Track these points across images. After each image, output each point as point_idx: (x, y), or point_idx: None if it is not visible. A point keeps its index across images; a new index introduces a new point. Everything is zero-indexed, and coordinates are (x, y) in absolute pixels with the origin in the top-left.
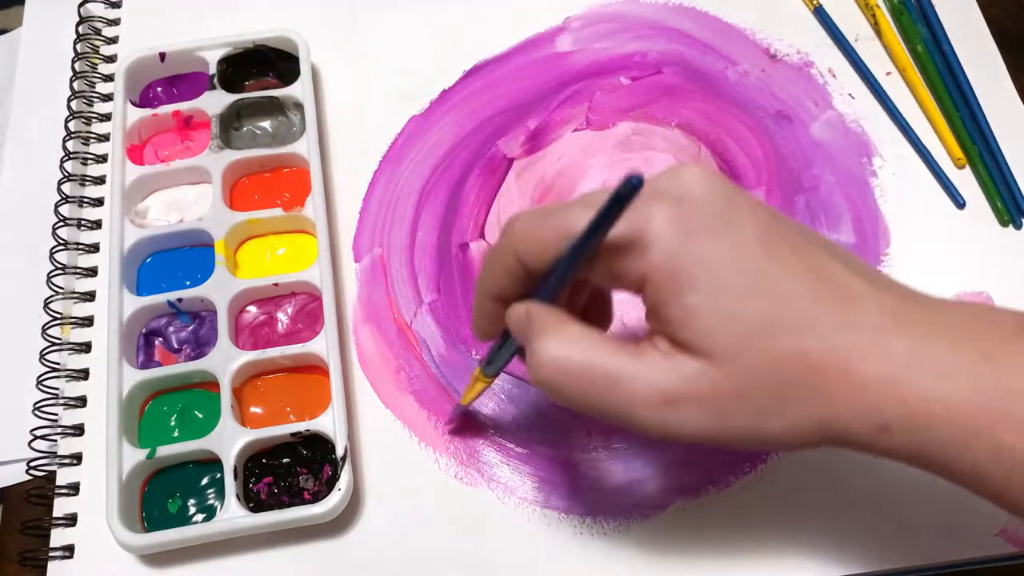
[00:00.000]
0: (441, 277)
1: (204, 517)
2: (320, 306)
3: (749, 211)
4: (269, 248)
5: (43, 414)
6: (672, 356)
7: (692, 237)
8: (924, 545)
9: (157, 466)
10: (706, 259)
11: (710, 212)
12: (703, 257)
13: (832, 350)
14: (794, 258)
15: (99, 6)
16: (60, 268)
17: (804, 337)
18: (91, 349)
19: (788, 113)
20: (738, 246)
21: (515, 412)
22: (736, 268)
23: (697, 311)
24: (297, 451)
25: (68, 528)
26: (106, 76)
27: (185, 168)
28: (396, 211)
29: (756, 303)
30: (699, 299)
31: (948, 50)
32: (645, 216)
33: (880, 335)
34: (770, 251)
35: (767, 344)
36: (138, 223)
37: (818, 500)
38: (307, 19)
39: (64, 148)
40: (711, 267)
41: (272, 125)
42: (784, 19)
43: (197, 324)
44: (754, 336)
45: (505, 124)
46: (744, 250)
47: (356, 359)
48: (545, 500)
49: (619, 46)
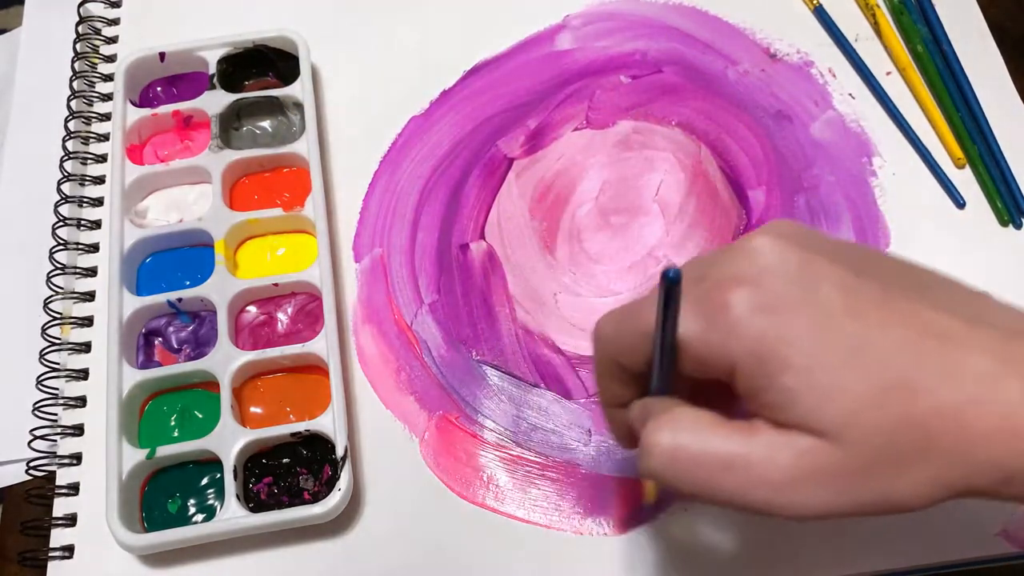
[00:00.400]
0: (441, 278)
1: (204, 517)
2: (320, 306)
3: (828, 275)
4: (269, 248)
5: (43, 414)
6: (786, 433)
7: (774, 316)
8: (924, 545)
9: (157, 466)
10: (794, 338)
11: (791, 286)
12: (790, 336)
13: (944, 406)
14: (884, 315)
15: (99, 6)
16: (60, 268)
17: (914, 400)
18: (91, 349)
19: (788, 113)
20: (824, 317)
21: (515, 413)
22: (827, 341)
23: (797, 393)
24: (297, 451)
25: (68, 528)
26: (106, 76)
27: (185, 168)
28: (396, 211)
29: (855, 373)
30: (796, 380)
31: (948, 50)
32: (723, 304)
33: (990, 381)
34: (858, 315)
35: (878, 412)
36: (138, 223)
37: None
38: (307, 19)
39: (64, 148)
40: (800, 345)
41: (272, 125)
42: (784, 19)
43: (197, 324)
44: (861, 408)
45: (505, 124)
46: (831, 320)
47: (356, 359)
48: (545, 501)
49: (619, 45)
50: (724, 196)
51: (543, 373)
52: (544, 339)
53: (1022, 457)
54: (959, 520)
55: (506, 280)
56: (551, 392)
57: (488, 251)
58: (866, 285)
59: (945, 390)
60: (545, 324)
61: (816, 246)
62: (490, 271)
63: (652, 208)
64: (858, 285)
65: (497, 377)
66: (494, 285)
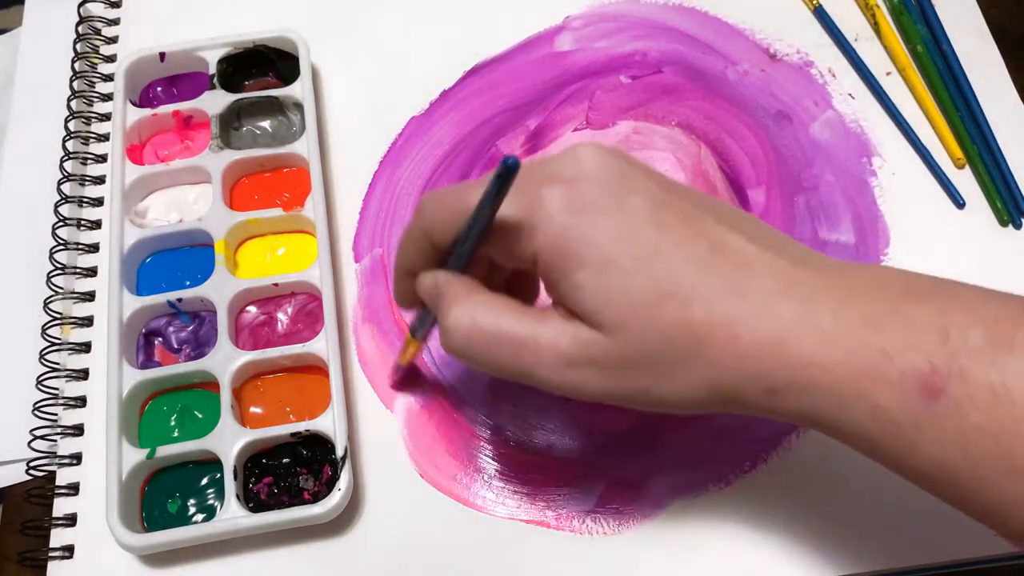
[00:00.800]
0: None
1: (204, 517)
2: (320, 306)
3: (642, 187)
4: (269, 248)
5: (43, 414)
6: (571, 321)
7: (581, 216)
8: (924, 545)
9: (157, 466)
10: (594, 238)
11: (601, 191)
12: (591, 236)
13: (718, 317)
14: (685, 230)
15: (99, 6)
16: (60, 268)
17: (690, 307)
18: (91, 349)
19: (788, 113)
20: (627, 223)
21: (514, 412)
22: (624, 245)
23: (584, 288)
24: (297, 451)
25: (68, 528)
26: (106, 76)
27: (185, 168)
28: (396, 211)
29: (643, 278)
30: (586, 277)
31: (948, 50)
32: (538, 197)
33: (768, 300)
34: (660, 226)
35: (654, 316)
36: (138, 223)
37: (818, 500)
38: (307, 19)
39: (64, 148)
40: (599, 245)
41: (272, 125)
42: (784, 19)
43: (197, 324)
44: (640, 309)
45: (505, 124)
46: (633, 227)
47: (356, 359)
48: (545, 500)
49: (619, 45)
50: (724, 196)
51: None
52: None
53: (788, 372)
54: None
55: None
56: None
57: None
58: (675, 203)
59: (723, 304)
60: None
61: (637, 165)
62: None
63: None
64: (667, 201)
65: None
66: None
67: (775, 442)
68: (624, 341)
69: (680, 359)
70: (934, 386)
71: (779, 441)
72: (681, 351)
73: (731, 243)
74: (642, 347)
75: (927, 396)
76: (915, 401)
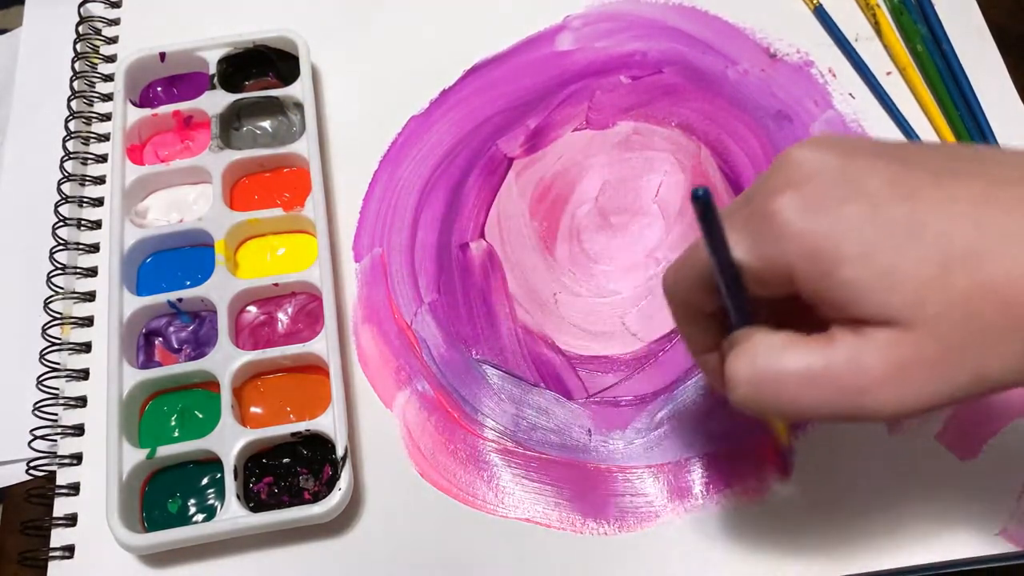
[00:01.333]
0: (441, 277)
1: (204, 517)
2: (320, 306)
3: (872, 169)
4: (269, 248)
5: (43, 414)
6: (862, 333)
7: (822, 214)
8: (924, 545)
9: (157, 466)
10: (845, 230)
11: (832, 183)
12: (841, 229)
13: (1016, 271)
14: (936, 194)
15: (99, 6)
16: (60, 268)
17: (981, 267)
18: (91, 349)
19: (788, 113)
20: (873, 206)
21: (515, 412)
22: (879, 227)
23: (858, 285)
24: (297, 451)
25: (68, 528)
26: (106, 76)
27: (185, 168)
28: (396, 211)
29: (914, 253)
30: (853, 271)
31: (948, 50)
32: (769, 213)
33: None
34: (908, 199)
35: (945, 288)
36: (138, 223)
37: (818, 500)
38: (307, 19)
39: (64, 148)
40: (852, 236)
41: (272, 125)
42: (784, 19)
43: (197, 324)
44: (928, 285)
45: (505, 124)
46: (880, 208)
47: (356, 359)
48: (545, 501)
49: (619, 45)
50: (724, 197)
51: (543, 373)
52: (544, 339)
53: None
54: (959, 520)
55: (506, 280)
56: (551, 392)
57: (488, 251)
58: (913, 172)
59: (1011, 251)
60: (545, 324)
61: (855, 148)
62: (490, 271)
63: (652, 209)
64: (905, 173)
65: (497, 377)
66: (494, 285)
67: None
68: (925, 329)
69: (994, 326)
70: None
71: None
72: (991, 318)
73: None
74: (948, 328)
75: None
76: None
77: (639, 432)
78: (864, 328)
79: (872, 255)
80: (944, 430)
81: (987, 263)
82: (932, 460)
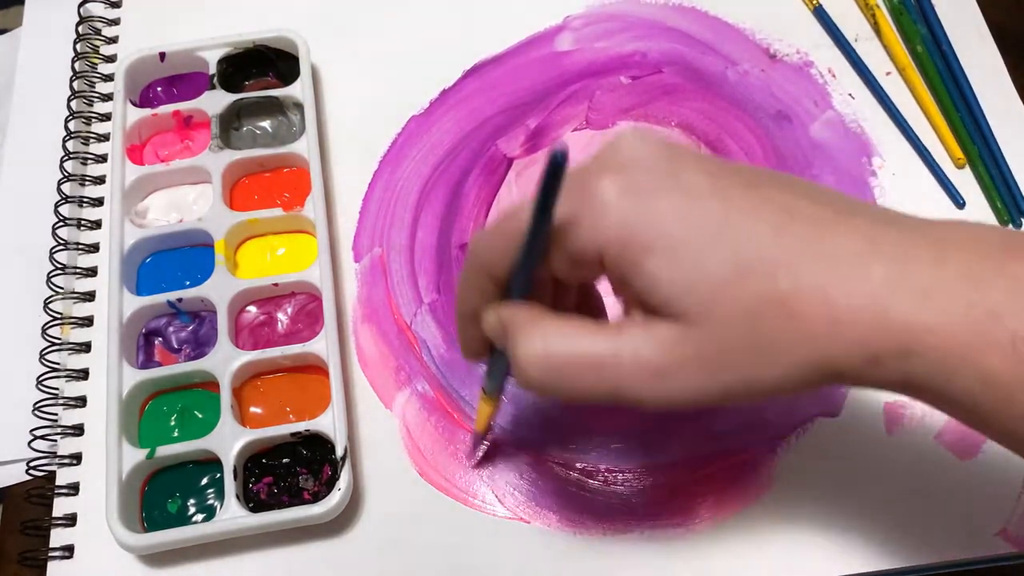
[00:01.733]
0: (441, 277)
1: (204, 517)
2: (320, 306)
3: (694, 163)
4: (269, 248)
5: (43, 414)
6: (650, 326)
7: (639, 201)
8: (924, 545)
9: (157, 466)
10: (657, 221)
11: (654, 172)
12: (653, 219)
13: (806, 286)
14: (751, 198)
15: (99, 6)
16: (60, 268)
17: (775, 277)
18: (91, 349)
19: (788, 113)
20: (688, 200)
21: (514, 413)
22: (691, 222)
23: (659, 274)
24: (297, 451)
25: (68, 528)
26: (106, 76)
27: (185, 168)
28: (396, 211)
29: (717, 254)
30: (657, 263)
31: (948, 50)
32: (590, 192)
33: (857, 262)
34: (723, 197)
35: (738, 293)
36: (138, 223)
37: (818, 500)
38: (307, 19)
39: (64, 148)
40: (664, 227)
41: (272, 125)
42: (784, 19)
43: (197, 324)
44: (723, 287)
45: (505, 124)
46: (695, 202)
47: (356, 359)
48: (544, 501)
49: (619, 45)
50: None
51: None
52: None
53: (890, 337)
54: (959, 520)
55: None
56: None
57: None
58: (733, 174)
59: (809, 270)
60: None
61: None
62: None
63: None
64: (724, 172)
65: None
66: None
67: (774, 445)
68: (711, 329)
69: (775, 338)
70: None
71: (778, 442)
72: (774, 329)
73: (802, 207)
74: (731, 332)
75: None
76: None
77: (639, 432)
78: (654, 319)
79: (678, 250)
80: (944, 430)
81: (781, 274)
82: (932, 460)
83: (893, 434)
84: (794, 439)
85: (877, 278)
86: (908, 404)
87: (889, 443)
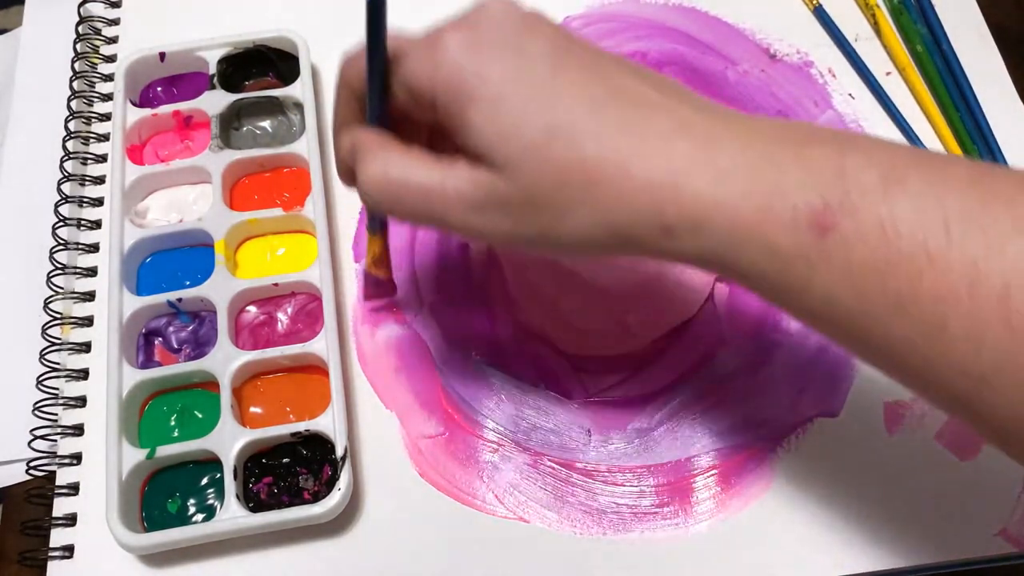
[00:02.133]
0: (442, 277)
1: (204, 517)
2: (320, 306)
3: (545, 34)
4: (269, 248)
5: (43, 414)
6: (473, 167)
7: (477, 54)
8: (924, 545)
9: (157, 466)
10: (488, 74)
11: (501, 32)
12: (485, 72)
13: (609, 154)
14: (583, 74)
15: (99, 6)
16: (60, 268)
17: (582, 145)
18: (91, 349)
19: (788, 113)
20: (524, 63)
21: (515, 413)
22: (518, 83)
23: (477, 126)
24: (297, 451)
25: (68, 528)
26: (106, 76)
27: (185, 168)
28: None
29: (534, 116)
30: (478, 114)
31: (948, 50)
32: (440, 40)
33: (663, 139)
34: (557, 68)
35: (545, 154)
36: (138, 223)
37: (818, 500)
38: (307, 19)
39: (64, 148)
40: (492, 82)
41: (272, 125)
42: (784, 19)
43: (197, 324)
44: (532, 147)
45: None
46: (529, 67)
47: (356, 359)
48: (544, 501)
49: (619, 46)
50: None
51: (543, 373)
52: (544, 339)
53: (682, 209)
54: (959, 520)
55: (506, 280)
56: (551, 392)
57: (488, 251)
58: (579, 51)
59: (616, 141)
60: (545, 324)
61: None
62: (490, 271)
63: None
64: (571, 48)
65: (497, 377)
66: (494, 285)
67: (774, 443)
68: (518, 181)
69: (574, 199)
70: (825, 222)
71: (778, 442)
72: (574, 190)
73: (631, 88)
74: (536, 187)
75: (818, 232)
76: (807, 237)
77: (639, 432)
78: (478, 163)
79: (499, 107)
80: (944, 430)
81: (588, 143)
82: (932, 460)
83: (893, 434)
84: (794, 439)
85: (679, 156)
86: (908, 404)
87: (889, 443)
